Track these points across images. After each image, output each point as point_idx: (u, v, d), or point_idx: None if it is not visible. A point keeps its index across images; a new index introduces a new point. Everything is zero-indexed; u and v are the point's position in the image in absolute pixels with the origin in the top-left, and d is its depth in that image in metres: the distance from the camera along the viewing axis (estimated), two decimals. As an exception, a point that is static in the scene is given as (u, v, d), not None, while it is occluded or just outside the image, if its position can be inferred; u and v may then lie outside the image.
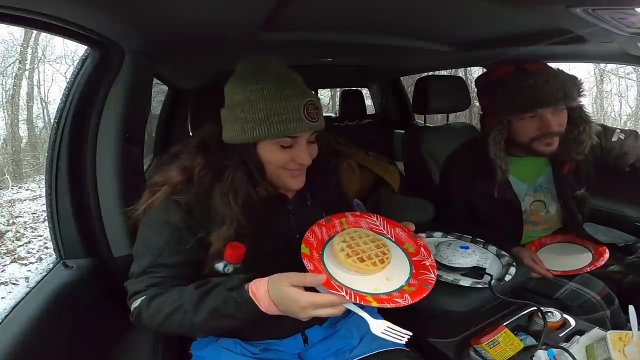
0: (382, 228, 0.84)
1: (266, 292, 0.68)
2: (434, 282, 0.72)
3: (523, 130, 1.16)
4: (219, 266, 0.77)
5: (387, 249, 0.76)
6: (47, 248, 4.27)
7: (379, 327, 0.68)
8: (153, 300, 0.74)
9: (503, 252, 1.12)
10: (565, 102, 1.12)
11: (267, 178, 0.80)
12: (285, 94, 0.73)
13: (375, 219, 0.84)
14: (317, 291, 0.67)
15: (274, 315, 0.69)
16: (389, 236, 0.83)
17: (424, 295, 0.69)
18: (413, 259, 0.78)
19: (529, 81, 1.11)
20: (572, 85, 1.12)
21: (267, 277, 0.70)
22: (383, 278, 0.72)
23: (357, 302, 0.66)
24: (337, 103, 3.63)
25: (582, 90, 1.14)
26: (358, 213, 0.85)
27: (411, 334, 0.68)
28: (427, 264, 0.76)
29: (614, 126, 1.28)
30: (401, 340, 0.67)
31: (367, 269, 0.72)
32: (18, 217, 5.16)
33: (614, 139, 1.21)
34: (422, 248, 0.80)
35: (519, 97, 1.12)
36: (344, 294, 0.65)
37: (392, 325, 0.69)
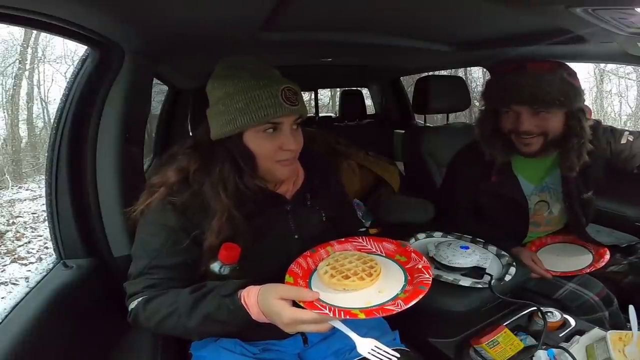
0: (369, 247, 0.84)
1: (256, 301, 0.68)
2: (429, 282, 0.71)
3: (503, 124, 1.19)
4: (215, 267, 0.77)
5: (375, 262, 0.76)
6: (47, 248, 4.26)
7: (366, 346, 0.67)
8: (149, 302, 0.74)
9: (503, 252, 1.12)
10: (545, 105, 1.10)
11: (260, 173, 0.80)
12: (262, 84, 0.74)
13: (361, 240, 0.85)
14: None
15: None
16: (378, 252, 0.83)
17: (420, 296, 0.67)
18: (406, 266, 0.78)
19: (510, 77, 1.14)
20: (564, 92, 1.09)
21: (260, 285, 0.70)
22: (375, 291, 0.71)
23: (343, 317, 0.64)
24: (337, 103, 3.63)
25: (577, 101, 1.12)
26: (343, 239, 0.85)
27: (399, 355, 0.67)
28: (420, 266, 0.76)
29: (614, 126, 1.28)
30: None
31: (353, 285, 0.71)
32: (18, 217, 5.16)
33: (623, 141, 1.20)
34: (412, 254, 0.79)
35: (497, 90, 1.18)
36: (327, 311, 0.64)
37: (380, 345, 0.67)
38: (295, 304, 0.66)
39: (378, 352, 0.66)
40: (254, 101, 0.73)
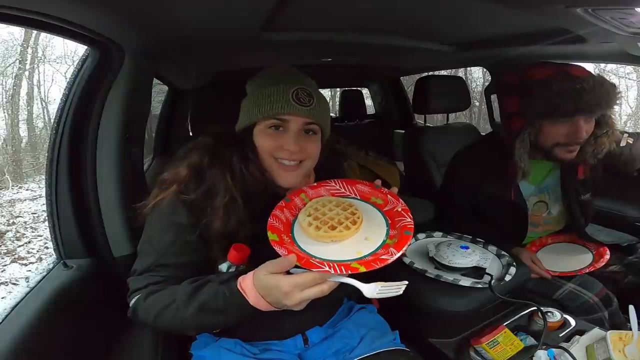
0: (343, 190, 0.81)
1: (252, 285, 0.66)
2: (413, 227, 0.69)
3: (550, 135, 1.11)
4: (223, 267, 0.77)
5: (355, 208, 0.73)
6: (47, 248, 4.26)
7: (373, 290, 0.64)
8: (150, 295, 0.74)
9: (503, 252, 1.12)
10: (604, 110, 1.08)
11: (265, 172, 0.80)
12: (279, 82, 0.78)
13: (333, 184, 0.81)
14: None
15: (265, 312, 0.67)
16: (353, 195, 0.80)
17: (409, 242, 0.66)
18: (384, 209, 0.75)
19: (576, 86, 1.03)
20: (614, 94, 1.07)
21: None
22: (362, 239, 0.69)
23: (343, 272, 0.61)
24: (337, 103, 3.63)
25: (619, 99, 1.10)
26: (315, 184, 0.81)
27: (407, 282, 0.64)
28: (400, 209, 0.73)
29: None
30: (398, 291, 0.64)
31: (341, 235, 0.68)
32: (18, 217, 5.16)
33: (623, 143, 1.19)
34: (388, 196, 0.76)
35: (563, 101, 1.04)
36: (326, 268, 0.61)
37: (385, 283, 0.64)
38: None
39: (387, 290, 0.64)
40: (266, 96, 0.77)
